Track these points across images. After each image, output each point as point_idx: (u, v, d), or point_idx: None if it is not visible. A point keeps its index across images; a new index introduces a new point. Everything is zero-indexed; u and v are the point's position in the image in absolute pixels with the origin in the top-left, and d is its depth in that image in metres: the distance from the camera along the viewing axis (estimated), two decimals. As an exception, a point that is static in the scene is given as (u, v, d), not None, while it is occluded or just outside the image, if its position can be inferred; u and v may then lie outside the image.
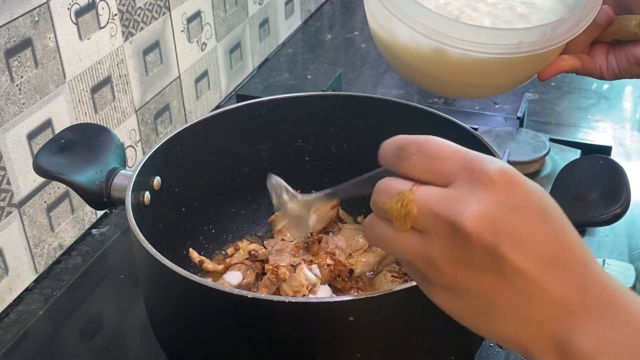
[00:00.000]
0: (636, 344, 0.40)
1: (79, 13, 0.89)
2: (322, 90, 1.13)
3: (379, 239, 0.45)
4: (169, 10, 1.07)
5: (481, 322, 0.44)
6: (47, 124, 0.86)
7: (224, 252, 0.86)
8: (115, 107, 0.98)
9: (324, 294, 0.75)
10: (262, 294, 0.70)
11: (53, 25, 0.85)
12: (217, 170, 0.85)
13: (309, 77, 1.36)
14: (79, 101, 0.91)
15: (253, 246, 0.83)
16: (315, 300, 0.66)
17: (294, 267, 0.76)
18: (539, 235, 0.41)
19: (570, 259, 0.42)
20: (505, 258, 0.41)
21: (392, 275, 0.78)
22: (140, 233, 0.64)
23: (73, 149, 0.75)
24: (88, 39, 0.91)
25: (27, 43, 0.81)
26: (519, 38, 0.68)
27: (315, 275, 0.75)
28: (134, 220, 0.66)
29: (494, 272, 0.41)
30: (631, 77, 0.78)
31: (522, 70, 0.74)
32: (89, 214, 0.97)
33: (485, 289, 0.42)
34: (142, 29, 1.01)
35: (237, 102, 1.00)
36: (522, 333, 0.42)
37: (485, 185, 0.41)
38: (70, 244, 0.94)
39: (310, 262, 0.77)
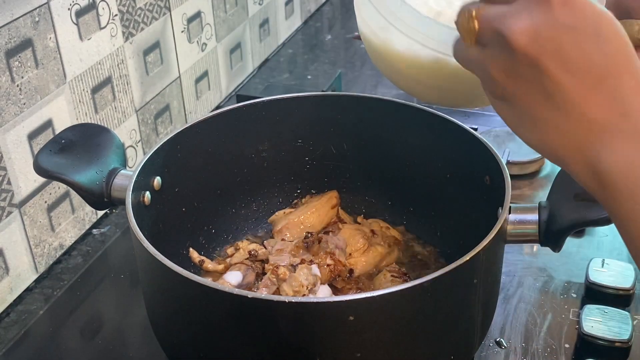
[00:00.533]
0: None
1: (80, 13, 0.89)
2: (322, 90, 1.13)
3: (456, 53, 0.52)
4: (169, 10, 1.07)
5: (528, 132, 0.48)
6: (48, 124, 0.87)
7: (224, 252, 0.86)
8: (115, 107, 0.98)
9: (324, 294, 0.75)
10: (262, 294, 0.70)
11: (53, 25, 0.85)
12: (217, 170, 0.85)
13: (309, 77, 1.36)
14: (80, 101, 0.91)
15: (253, 246, 0.83)
16: (315, 300, 0.66)
17: (294, 267, 0.76)
18: (588, 56, 0.44)
19: (617, 84, 0.44)
20: (547, 72, 0.44)
21: (392, 275, 0.78)
22: (140, 233, 0.64)
23: (73, 149, 0.75)
24: (88, 39, 0.91)
25: (27, 43, 0.82)
26: None
27: (315, 275, 0.75)
28: (134, 220, 0.66)
29: (537, 84, 0.45)
30: None
31: None
32: (90, 214, 0.97)
33: (529, 100, 0.46)
34: (142, 29, 1.01)
35: (237, 102, 1.00)
36: (561, 148, 0.46)
37: (542, 4, 0.44)
38: (70, 243, 0.94)
39: (310, 262, 0.77)
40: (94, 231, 0.97)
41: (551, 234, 0.67)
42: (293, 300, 0.62)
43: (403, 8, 0.65)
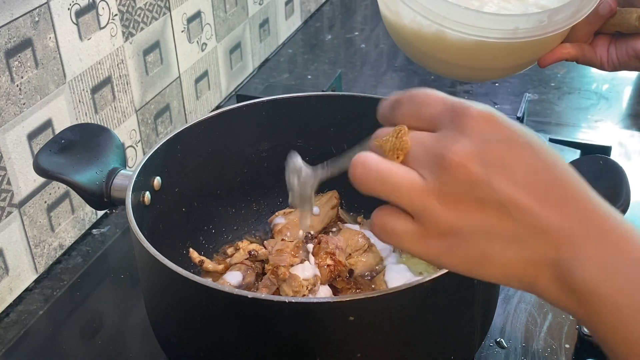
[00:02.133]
0: (637, 273, 0.41)
1: (79, 13, 0.89)
2: (322, 90, 1.13)
3: (374, 173, 0.44)
4: (169, 10, 1.07)
5: (481, 267, 0.44)
6: (48, 124, 0.87)
7: (224, 252, 0.86)
8: (115, 107, 0.98)
9: (324, 294, 0.75)
10: (262, 294, 0.70)
11: (53, 25, 0.85)
12: (217, 170, 0.85)
13: (309, 77, 1.36)
14: (79, 101, 0.91)
15: (253, 246, 0.83)
16: (315, 300, 0.66)
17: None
18: (531, 166, 0.42)
19: (567, 189, 0.42)
20: (499, 189, 0.41)
21: (392, 275, 0.78)
22: (140, 233, 0.64)
23: (73, 149, 0.75)
24: (88, 39, 0.91)
25: (27, 43, 0.82)
26: (515, 24, 0.69)
27: (315, 275, 0.75)
28: (134, 220, 0.66)
29: (490, 205, 0.42)
30: (630, 70, 0.79)
31: (521, 55, 0.75)
32: (89, 214, 0.97)
33: (483, 225, 0.42)
34: (142, 29, 1.01)
35: (237, 102, 1.00)
36: (525, 269, 0.42)
37: (470, 126, 0.42)
38: (70, 244, 0.94)
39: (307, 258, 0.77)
40: (94, 231, 0.97)
41: (551, 234, 0.67)
42: (293, 300, 0.62)
43: None
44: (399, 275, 0.79)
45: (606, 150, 1.04)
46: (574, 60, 0.78)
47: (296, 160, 0.60)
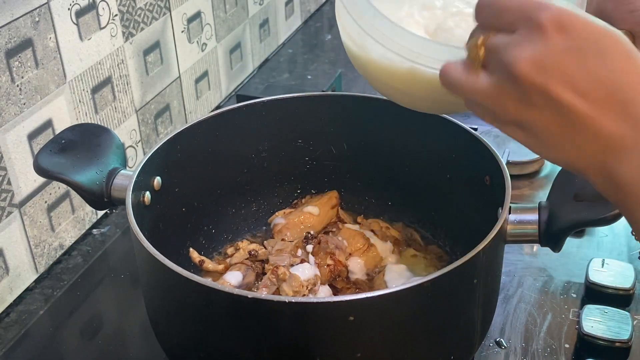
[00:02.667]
0: None
1: (80, 13, 0.89)
2: (322, 90, 1.13)
3: (455, 79, 0.52)
4: (169, 10, 1.07)
5: (547, 151, 0.50)
6: (48, 124, 0.87)
7: (224, 252, 0.86)
8: (115, 108, 0.98)
9: (324, 294, 0.75)
10: (262, 294, 0.70)
11: (53, 25, 0.85)
12: (217, 170, 0.85)
13: (309, 77, 1.36)
14: (80, 101, 0.91)
15: (253, 246, 0.83)
16: (315, 300, 0.66)
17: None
18: (593, 74, 0.45)
19: (626, 97, 0.45)
20: (557, 96, 0.46)
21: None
22: (140, 233, 0.64)
23: (73, 149, 0.75)
24: (88, 39, 0.91)
25: (27, 43, 0.82)
26: None
27: (315, 275, 0.75)
28: (134, 220, 0.66)
29: (550, 109, 0.46)
30: None
31: None
32: (90, 214, 0.97)
33: (545, 124, 0.47)
34: (142, 29, 1.01)
35: (237, 102, 1.00)
36: (579, 162, 0.48)
37: (540, 32, 0.46)
38: (70, 244, 0.94)
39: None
40: (94, 231, 0.97)
41: (551, 234, 0.67)
42: (293, 300, 0.62)
43: (376, 16, 0.64)
44: (399, 275, 0.79)
45: (606, 150, 1.04)
46: None
47: None
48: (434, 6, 0.73)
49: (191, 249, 0.82)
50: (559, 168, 0.73)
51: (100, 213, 0.99)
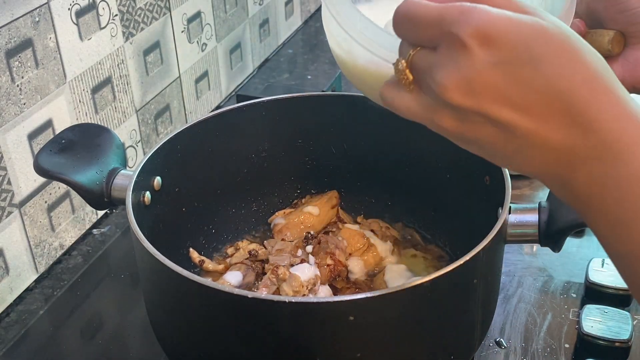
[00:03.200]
0: (633, 186, 0.41)
1: (80, 13, 0.89)
2: (322, 90, 1.13)
3: (390, 99, 0.50)
4: (169, 10, 1.07)
5: (499, 162, 0.47)
6: (48, 124, 0.87)
7: (224, 252, 0.86)
8: (115, 108, 0.98)
9: (324, 294, 0.75)
10: (262, 294, 0.70)
11: (54, 25, 0.85)
12: (217, 170, 0.85)
13: (309, 77, 1.36)
14: (80, 101, 0.91)
15: (253, 246, 0.83)
16: (315, 300, 0.66)
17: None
18: (528, 85, 0.41)
19: (570, 103, 0.41)
20: (494, 115, 0.42)
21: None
22: (140, 233, 0.64)
23: (74, 149, 0.75)
24: (88, 39, 0.91)
25: (27, 43, 0.82)
26: None
27: (315, 275, 0.75)
28: (134, 220, 0.66)
29: (491, 127, 0.43)
30: None
31: None
32: (90, 214, 0.97)
33: (489, 140, 0.44)
34: (142, 29, 1.01)
35: (237, 102, 1.00)
36: (534, 171, 0.45)
37: (462, 50, 0.41)
38: (70, 243, 0.94)
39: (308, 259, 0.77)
40: (94, 231, 0.97)
41: (551, 234, 0.67)
42: (293, 300, 0.62)
43: (362, 21, 0.64)
44: (399, 275, 0.79)
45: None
46: None
47: None
48: None
49: (191, 249, 0.82)
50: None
51: (100, 213, 0.99)
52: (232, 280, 0.78)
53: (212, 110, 1.22)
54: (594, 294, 0.81)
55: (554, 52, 0.41)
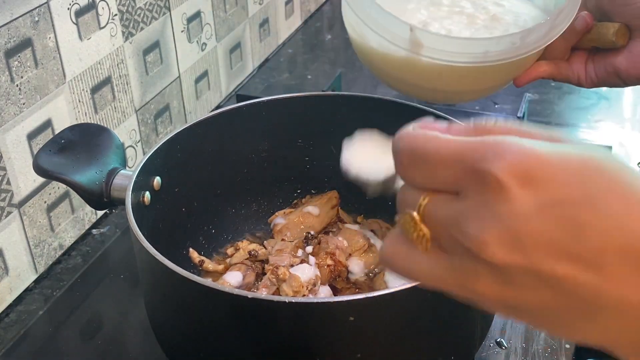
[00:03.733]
0: None
1: (79, 13, 0.89)
2: (322, 90, 1.13)
3: (406, 269, 0.38)
4: (169, 10, 1.07)
5: (551, 330, 0.37)
6: (47, 124, 0.86)
7: (224, 252, 0.86)
8: (115, 107, 0.98)
9: (324, 294, 0.75)
10: (262, 294, 0.70)
11: (53, 25, 0.85)
12: (217, 170, 0.85)
13: (309, 77, 1.36)
14: (79, 101, 0.91)
15: (253, 246, 0.83)
16: (315, 300, 0.66)
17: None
18: (589, 229, 0.32)
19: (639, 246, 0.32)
20: (550, 272, 0.33)
21: (392, 275, 0.78)
22: (140, 233, 0.64)
23: (73, 149, 0.75)
24: (88, 39, 0.91)
25: (27, 43, 0.81)
26: (485, 47, 0.67)
27: (315, 275, 0.75)
28: (134, 220, 0.66)
29: (544, 288, 0.33)
30: (609, 86, 0.76)
31: (494, 77, 0.74)
32: (89, 214, 0.97)
33: (541, 305, 0.34)
34: (142, 29, 1.01)
35: (237, 102, 1.00)
36: (602, 338, 0.35)
37: (499, 193, 0.33)
38: (70, 244, 0.94)
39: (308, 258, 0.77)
40: (94, 231, 0.97)
41: (551, 234, 0.67)
42: (293, 301, 0.62)
43: (372, 6, 0.65)
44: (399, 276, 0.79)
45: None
46: (551, 78, 0.76)
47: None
48: (441, 3, 0.73)
49: (191, 249, 0.81)
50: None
51: (100, 213, 0.99)
52: (232, 280, 0.78)
53: (212, 110, 1.22)
54: (595, 294, 0.81)
55: (609, 184, 0.33)
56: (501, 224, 0.33)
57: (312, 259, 0.78)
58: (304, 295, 0.72)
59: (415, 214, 0.36)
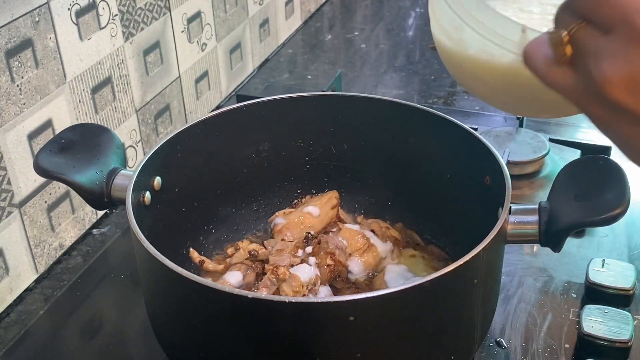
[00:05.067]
0: None
1: (80, 13, 0.89)
2: (322, 90, 1.13)
3: (541, 70, 0.46)
4: (169, 10, 1.07)
5: (635, 157, 0.44)
6: (48, 124, 0.87)
7: (224, 252, 0.86)
8: (115, 108, 0.98)
9: (324, 294, 0.75)
10: (262, 294, 0.70)
11: (53, 25, 0.85)
12: (217, 170, 0.85)
13: (309, 77, 1.36)
14: (80, 101, 0.91)
15: (253, 246, 0.83)
16: (315, 300, 0.66)
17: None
18: None
19: None
20: None
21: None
22: (140, 233, 0.64)
23: (73, 149, 0.75)
24: (88, 39, 0.91)
25: (27, 43, 0.82)
26: None
27: (315, 275, 0.75)
28: (134, 220, 0.66)
29: (637, 126, 0.41)
30: None
31: None
32: (90, 214, 0.97)
33: (637, 139, 0.42)
34: (142, 29, 1.01)
35: (237, 102, 1.00)
36: None
37: (638, 44, 0.39)
38: (70, 244, 0.94)
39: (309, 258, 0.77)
40: (94, 231, 0.97)
41: (551, 235, 0.67)
42: (293, 300, 0.62)
43: (480, 7, 0.62)
44: (399, 275, 0.79)
45: (606, 150, 1.04)
46: None
47: None
48: (531, 11, 0.70)
49: (191, 249, 0.81)
50: (559, 168, 0.73)
51: (100, 213, 0.99)
52: (232, 280, 0.78)
53: (212, 110, 1.22)
54: (594, 294, 0.81)
55: None
56: (630, 69, 0.39)
57: (312, 259, 0.78)
58: (304, 295, 0.72)
59: (565, 33, 0.43)
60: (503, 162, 0.71)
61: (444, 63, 0.70)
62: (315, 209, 0.87)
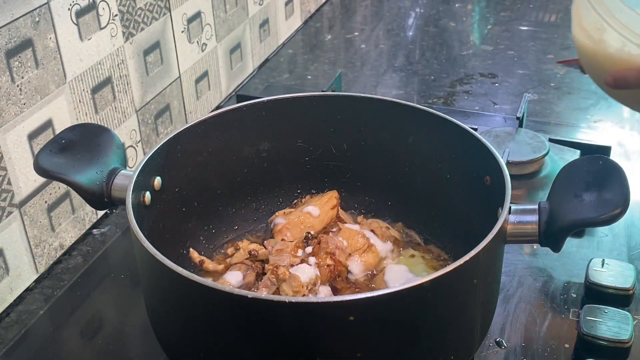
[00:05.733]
0: None
1: (80, 13, 0.89)
2: (322, 91, 1.13)
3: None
4: (170, 10, 1.07)
5: None
6: (48, 124, 0.87)
7: (224, 252, 0.86)
8: (115, 108, 0.98)
9: (324, 294, 0.75)
10: (262, 294, 0.70)
11: (54, 25, 0.85)
12: (217, 170, 0.85)
13: (309, 77, 1.36)
14: (80, 101, 0.91)
15: (253, 246, 0.83)
16: (315, 300, 0.66)
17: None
18: None
19: None
20: None
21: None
22: (140, 233, 0.64)
23: (74, 149, 0.75)
24: (88, 39, 0.91)
25: (27, 43, 0.82)
26: None
27: (315, 275, 0.75)
28: (134, 220, 0.66)
29: None
30: None
31: None
32: (90, 214, 0.97)
33: None
34: (142, 29, 1.01)
35: (237, 102, 1.00)
36: None
37: None
38: (70, 243, 0.94)
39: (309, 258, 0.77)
40: (94, 231, 0.97)
41: (551, 235, 0.67)
42: (293, 300, 0.62)
43: (622, 8, 0.64)
44: (399, 275, 0.79)
45: (606, 150, 1.04)
46: None
47: None
48: None
49: (191, 249, 0.82)
50: (559, 168, 0.73)
51: (100, 213, 0.99)
52: (232, 280, 0.78)
53: (212, 110, 1.22)
54: (594, 294, 0.81)
55: None
56: None
57: (312, 259, 0.78)
58: (304, 295, 0.72)
59: None
60: (503, 162, 0.71)
61: (582, 65, 0.73)
62: (315, 209, 0.87)
